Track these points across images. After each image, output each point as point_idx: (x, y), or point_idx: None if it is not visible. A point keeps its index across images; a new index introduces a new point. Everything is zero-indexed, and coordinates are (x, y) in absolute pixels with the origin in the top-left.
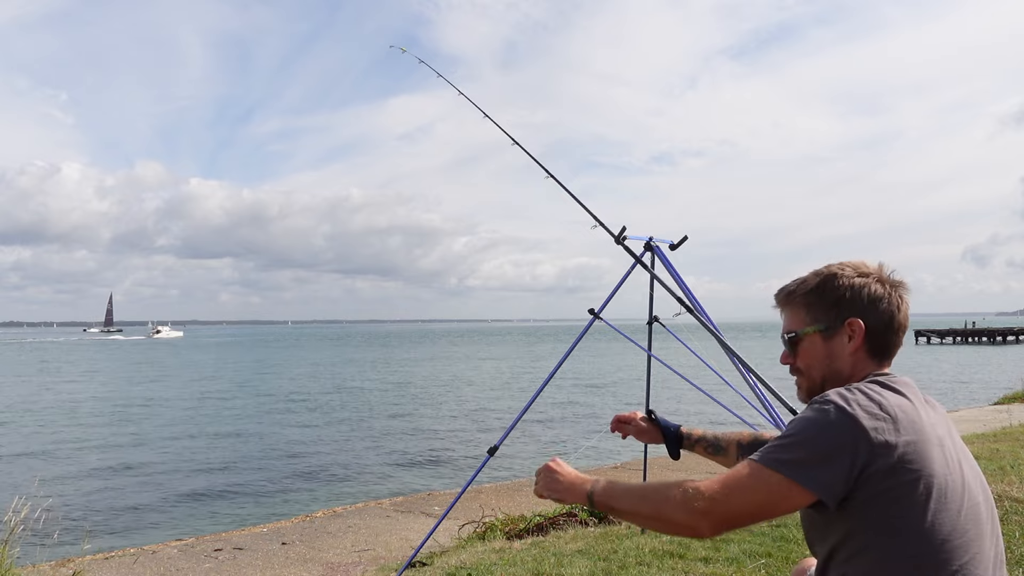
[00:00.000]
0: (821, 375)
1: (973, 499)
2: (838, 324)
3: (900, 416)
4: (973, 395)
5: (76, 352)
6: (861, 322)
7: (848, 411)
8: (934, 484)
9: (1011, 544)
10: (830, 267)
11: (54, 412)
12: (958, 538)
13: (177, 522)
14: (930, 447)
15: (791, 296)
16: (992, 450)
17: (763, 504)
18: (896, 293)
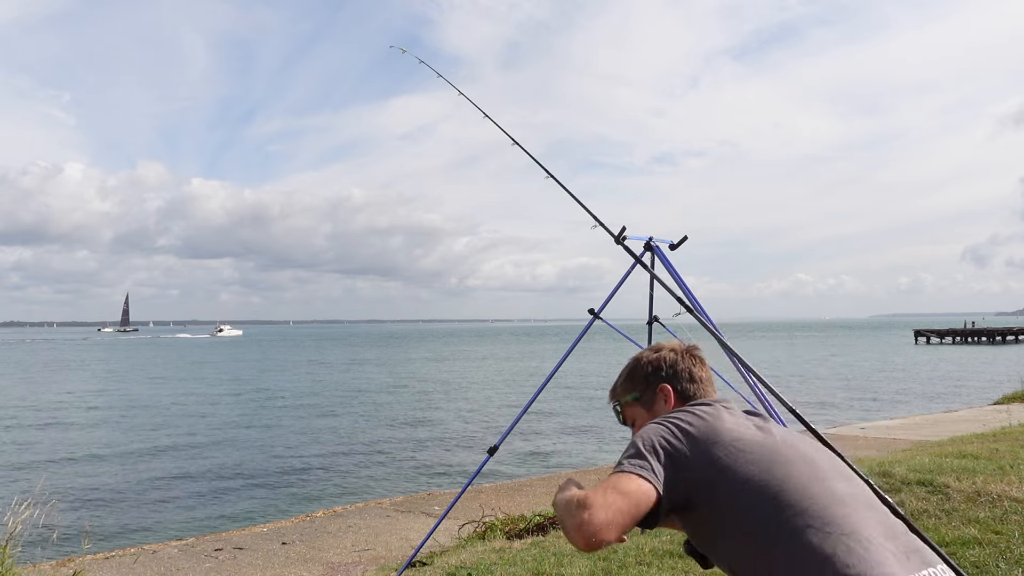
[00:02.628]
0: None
1: (798, 473)
2: (651, 391)
3: (697, 424)
4: (973, 395)
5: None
6: (668, 386)
7: (669, 421)
8: (739, 475)
9: (1011, 544)
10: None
11: (55, 412)
12: (790, 482)
13: (177, 522)
14: (725, 445)
15: (615, 390)
16: (992, 450)
17: (628, 500)
18: (688, 353)
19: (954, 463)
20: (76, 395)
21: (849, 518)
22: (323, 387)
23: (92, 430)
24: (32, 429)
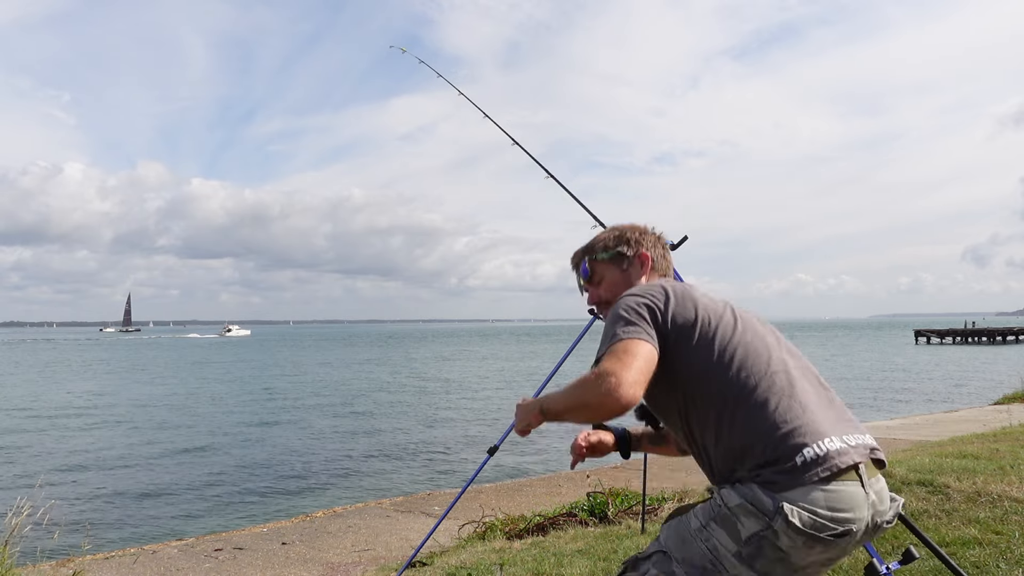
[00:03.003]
0: (616, 296)
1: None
2: (635, 257)
3: (674, 287)
4: (973, 395)
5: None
6: (649, 256)
7: (645, 291)
8: (714, 313)
9: (1012, 544)
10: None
11: (56, 412)
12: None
13: (177, 522)
14: (700, 307)
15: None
16: (992, 450)
17: (643, 362)
18: (659, 238)
19: (954, 463)
20: (79, 395)
21: (794, 385)
22: (324, 387)
23: (92, 430)
24: (33, 429)
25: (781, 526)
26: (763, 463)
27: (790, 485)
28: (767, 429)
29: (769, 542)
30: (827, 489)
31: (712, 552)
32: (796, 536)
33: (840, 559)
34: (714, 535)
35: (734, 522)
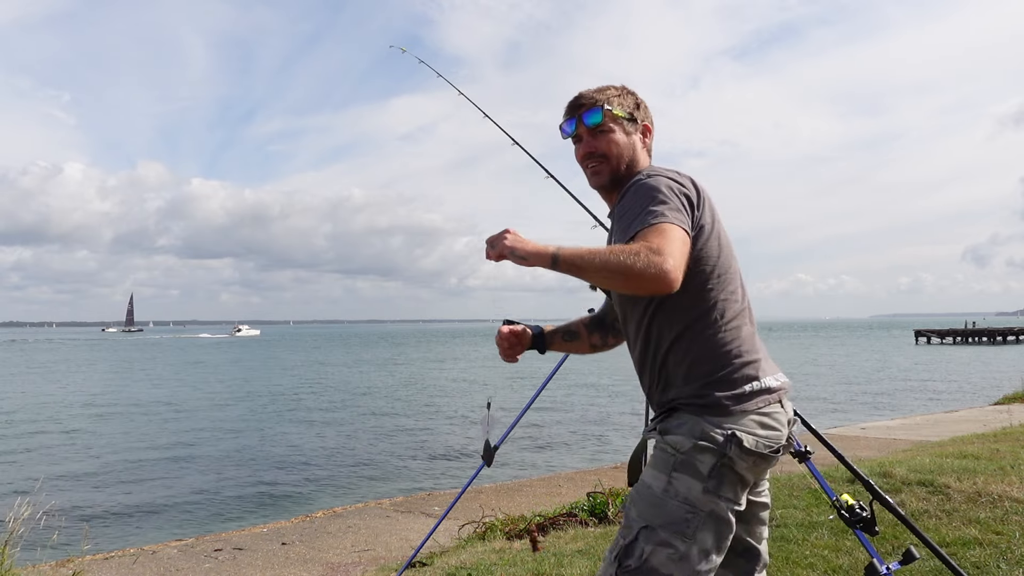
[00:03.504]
0: (628, 161)
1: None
2: (642, 124)
3: (702, 185)
4: (973, 395)
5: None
6: (651, 128)
7: (678, 177)
8: (721, 231)
9: (1012, 545)
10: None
11: (60, 412)
12: (734, 272)
13: (177, 522)
14: (714, 212)
15: (604, 91)
16: (992, 450)
17: (685, 251)
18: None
19: (955, 463)
20: (80, 395)
21: (754, 322)
22: (324, 387)
23: (93, 430)
24: (33, 428)
25: (735, 452)
26: (714, 382)
27: (734, 412)
28: (732, 353)
29: (728, 468)
30: (764, 413)
31: (685, 501)
32: (748, 457)
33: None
34: (680, 484)
35: (693, 463)
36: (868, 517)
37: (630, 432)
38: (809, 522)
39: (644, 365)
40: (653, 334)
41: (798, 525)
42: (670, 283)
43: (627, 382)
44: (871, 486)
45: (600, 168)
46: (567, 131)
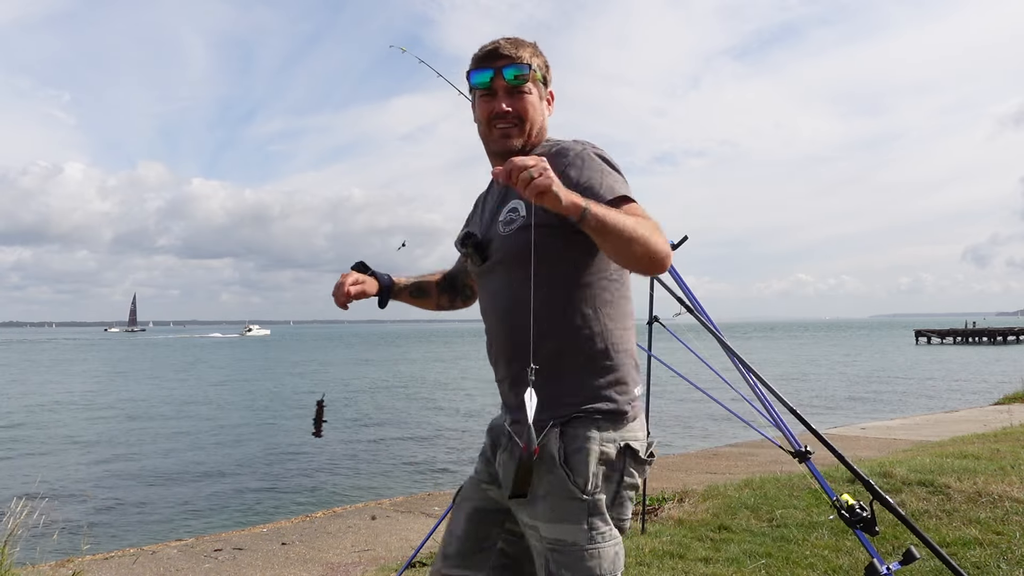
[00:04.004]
0: (539, 128)
1: None
2: (548, 87)
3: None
4: (973, 395)
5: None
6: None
7: (606, 155)
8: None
9: (1012, 545)
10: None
11: (61, 411)
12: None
13: (177, 522)
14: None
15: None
16: (992, 450)
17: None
18: None
19: (955, 463)
20: (82, 395)
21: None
22: (325, 386)
23: (94, 429)
24: (34, 428)
25: (630, 466)
26: (611, 383)
27: (628, 419)
28: (627, 350)
29: (627, 487)
30: (639, 420)
31: (610, 544)
32: (641, 468)
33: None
34: (599, 531)
35: (599, 499)
36: (868, 517)
37: None
38: (809, 522)
39: (519, 351)
40: (544, 315)
41: (798, 525)
42: (667, 266)
43: None
44: (871, 486)
45: (513, 131)
46: (477, 80)
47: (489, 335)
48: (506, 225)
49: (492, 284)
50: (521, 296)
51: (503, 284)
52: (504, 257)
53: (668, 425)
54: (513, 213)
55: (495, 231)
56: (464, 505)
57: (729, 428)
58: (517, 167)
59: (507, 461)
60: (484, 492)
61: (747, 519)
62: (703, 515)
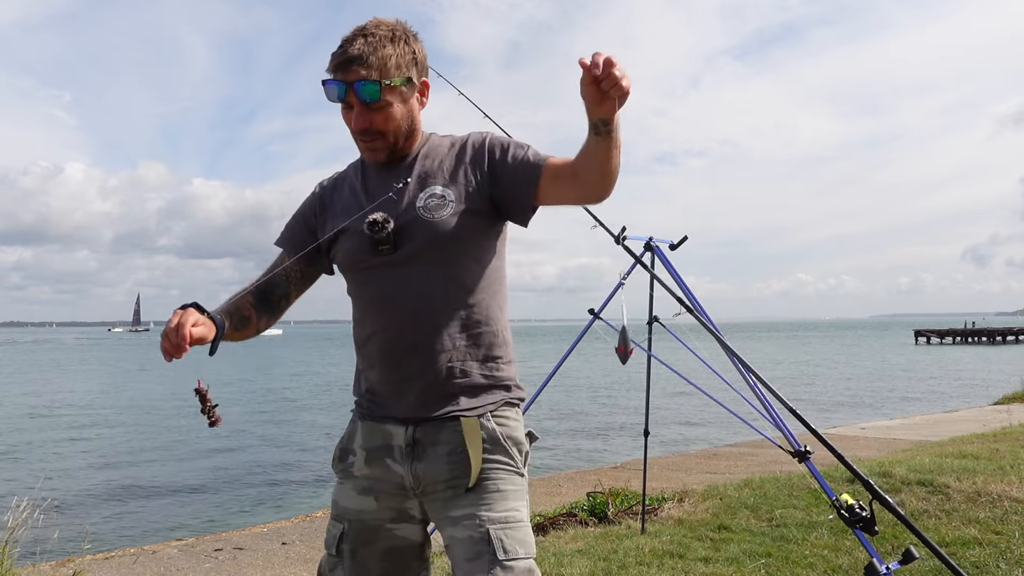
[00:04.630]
0: (405, 132)
1: None
2: (420, 84)
3: None
4: (973, 395)
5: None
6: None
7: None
8: None
9: (1012, 544)
10: (384, 23)
11: (64, 411)
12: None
13: (177, 522)
14: None
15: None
16: (992, 450)
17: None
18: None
19: (954, 463)
20: (83, 394)
21: None
22: (325, 386)
23: (94, 429)
24: (35, 428)
25: (529, 445)
26: (511, 363)
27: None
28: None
29: (528, 464)
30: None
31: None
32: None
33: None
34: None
35: (526, 478)
36: (868, 517)
37: (631, 432)
38: (809, 522)
39: (439, 343)
40: (467, 304)
41: (798, 525)
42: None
43: (626, 382)
44: (871, 486)
45: (376, 145)
46: (333, 94)
47: (388, 330)
48: (430, 211)
49: (401, 274)
50: (445, 286)
51: (421, 274)
52: (428, 245)
53: (668, 425)
54: (437, 199)
55: (413, 216)
56: (368, 551)
57: (729, 428)
58: (615, 64)
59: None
60: (391, 531)
61: (747, 519)
62: (703, 515)
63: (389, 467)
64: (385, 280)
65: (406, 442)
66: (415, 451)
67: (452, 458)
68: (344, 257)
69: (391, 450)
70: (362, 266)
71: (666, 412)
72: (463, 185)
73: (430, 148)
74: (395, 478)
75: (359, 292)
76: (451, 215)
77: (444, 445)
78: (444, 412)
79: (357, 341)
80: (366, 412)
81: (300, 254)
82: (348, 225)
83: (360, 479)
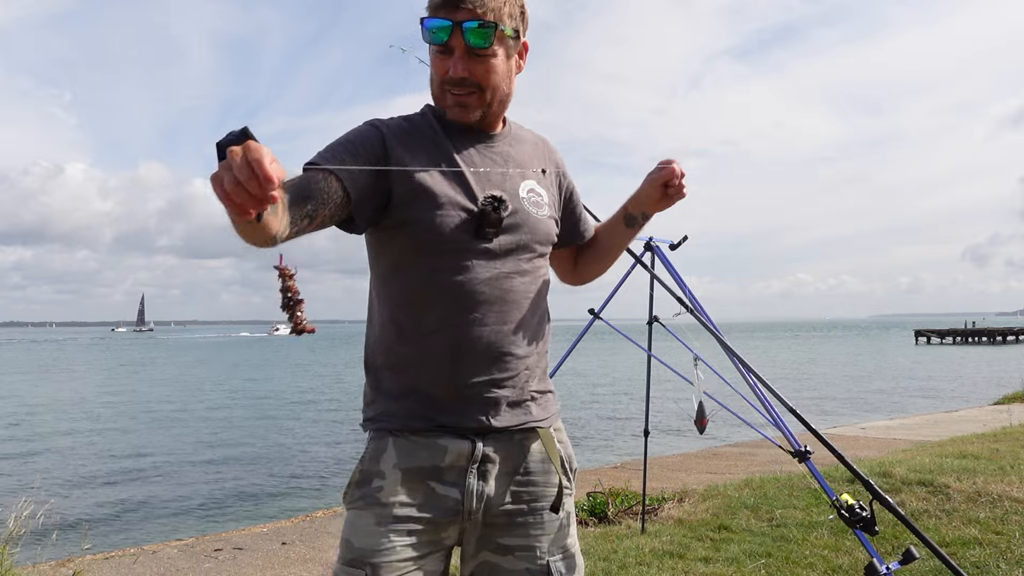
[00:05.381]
0: (503, 95)
1: None
2: (521, 41)
3: None
4: (973, 395)
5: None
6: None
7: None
8: None
9: (1012, 544)
10: None
11: (66, 411)
12: None
13: (177, 522)
14: None
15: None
16: (992, 450)
17: None
18: None
19: (954, 463)
20: (88, 395)
21: None
22: (326, 386)
23: (94, 429)
24: (34, 428)
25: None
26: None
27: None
28: None
29: None
30: None
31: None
32: None
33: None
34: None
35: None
36: (868, 517)
37: (631, 432)
38: (809, 522)
39: (520, 346)
40: (543, 309)
41: (798, 525)
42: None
43: (626, 382)
44: (871, 486)
45: (470, 100)
46: (434, 35)
47: (469, 326)
48: (535, 207)
49: (497, 266)
50: (534, 286)
51: (517, 270)
52: (530, 241)
53: (668, 425)
54: (536, 196)
55: (519, 206)
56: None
57: (729, 428)
58: (681, 173)
59: (525, 474)
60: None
61: (747, 519)
62: (703, 515)
63: (435, 491)
64: (479, 269)
65: (472, 459)
66: (483, 469)
67: (524, 477)
68: (432, 231)
69: (441, 472)
70: (454, 246)
71: (666, 412)
72: (553, 191)
73: (516, 135)
74: (446, 504)
75: (433, 276)
76: (548, 217)
77: (514, 462)
78: (519, 424)
79: (410, 334)
80: (403, 424)
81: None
82: (442, 193)
83: (390, 507)
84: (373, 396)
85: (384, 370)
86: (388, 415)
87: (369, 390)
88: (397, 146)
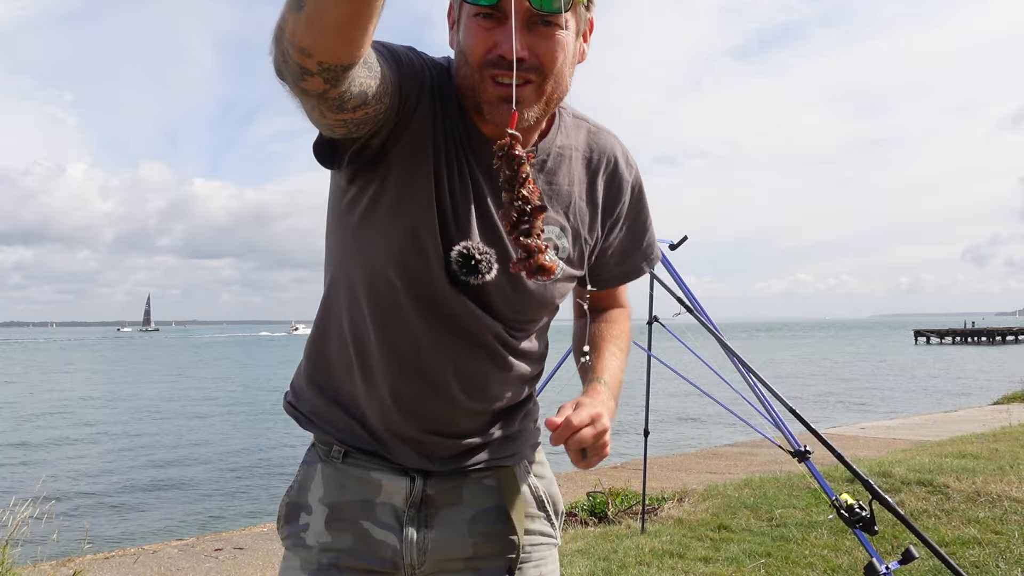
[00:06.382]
0: (563, 91)
1: None
2: (589, 20)
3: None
4: (973, 395)
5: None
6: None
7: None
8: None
9: (1011, 544)
10: None
11: (66, 411)
12: None
13: (177, 522)
14: None
15: None
16: (992, 450)
17: None
18: None
19: (954, 463)
20: (89, 395)
21: None
22: None
23: (94, 429)
24: (34, 429)
25: None
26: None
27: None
28: None
29: None
30: None
31: None
32: None
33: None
34: None
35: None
36: (867, 517)
37: (631, 432)
38: (809, 522)
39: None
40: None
41: (798, 525)
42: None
43: (629, 382)
44: (870, 486)
45: (526, 94)
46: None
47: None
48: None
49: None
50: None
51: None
52: (510, 317)
53: (668, 425)
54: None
55: (518, 278)
56: None
57: (729, 428)
58: (576, 439)
59: (478, 522)
60: None
61: (747, 519)
62: (703, 515)
63: (369, 535)
64: (457, 306)
65: (410, 500)
66: (423, 514)
67: (478, 526)
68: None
69: (374, 509)
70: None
71: (666, 412)
72: (580, 241)
73: (565, 143)
74: (381, 552)
75: (405, 300)
76: (559, 280)
77: (468, 506)
78: (473, 463)
79: (359, 349)
80: (336, 452)
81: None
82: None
83: (315, 551)
84: (308, 411)
85: (322, 385)
86: (318, 440)
87: (304, 379)
88: (436, 117)
